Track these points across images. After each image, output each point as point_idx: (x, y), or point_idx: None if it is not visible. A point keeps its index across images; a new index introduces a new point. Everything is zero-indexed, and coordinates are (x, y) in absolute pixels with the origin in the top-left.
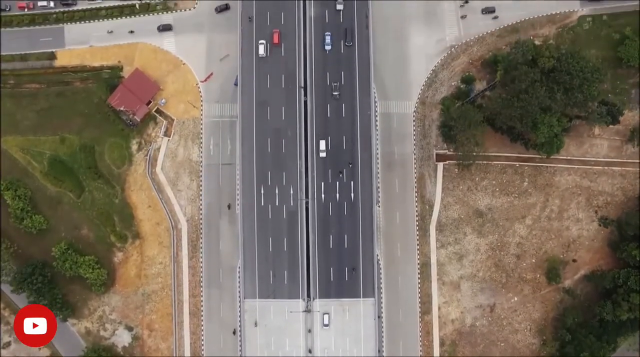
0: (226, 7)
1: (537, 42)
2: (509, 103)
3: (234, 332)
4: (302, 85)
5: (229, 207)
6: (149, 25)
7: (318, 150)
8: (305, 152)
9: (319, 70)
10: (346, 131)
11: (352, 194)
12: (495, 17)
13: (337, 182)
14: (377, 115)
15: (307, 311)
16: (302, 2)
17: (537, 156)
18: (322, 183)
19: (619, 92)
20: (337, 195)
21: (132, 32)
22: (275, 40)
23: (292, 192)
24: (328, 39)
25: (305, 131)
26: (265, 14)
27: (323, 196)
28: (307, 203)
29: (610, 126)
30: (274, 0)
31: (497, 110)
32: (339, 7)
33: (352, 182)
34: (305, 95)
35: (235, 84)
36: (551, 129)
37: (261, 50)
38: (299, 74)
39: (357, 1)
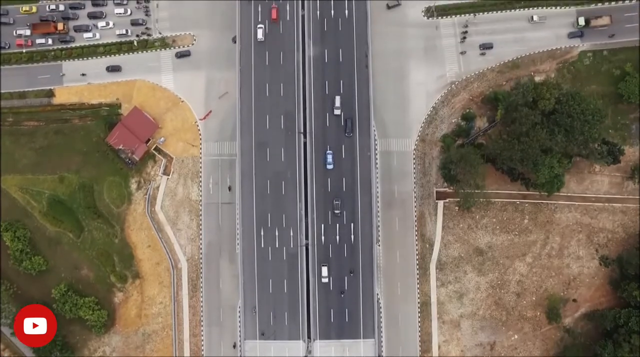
0: (188, 54)
1: (537, 78)
2: (510, 145)
3: None
4: (302, 130)
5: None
6: (147, 62)
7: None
8: (305, 195)
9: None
10: (346, 173)
11: (352, 236)
12: (483, 54)
13: (337, 224)
14: (377, 154)
15: (308, 354)
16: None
17: (537, 193)
18: (322, 225)
19: (620, 128)
20: (337, 237)
21: (130, 69)
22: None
23: (292, 234)
24: (330, 158)
25: (305, 173)
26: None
27: (323, 238)
28: (307, 245)
29: None
30: None
31: (497, 151)
32: (337, 111)
33: (352, 224)
34: (305, 137)
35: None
36: (552, 170)
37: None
38: (298, 119)
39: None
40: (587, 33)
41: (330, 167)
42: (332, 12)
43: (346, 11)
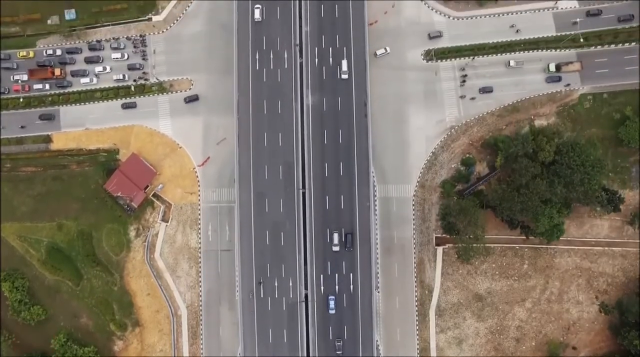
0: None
1: (537, 122)
2: (510, 196)
3: None
4: (301, 187)
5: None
6: (144, 107)
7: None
8: (305, 245)
9: (317, 170)
10: (345, 223)
11: (352, 286)
12: (483, 98)
13: (337, 275)
14: (376, 200)
15: None
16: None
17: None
18: (322, 275)
19: (620, 171)
20: (337, 287)
21: (127, 114)
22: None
23: (291, 284)
24: (332, 304)
25: (304, 224)
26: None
27: (322, 288)
28: (306, 295)
29: None
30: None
31: (497, 201)
32: (335, 245)
33: (351, 274)
34: (304, 186)
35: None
36: (551, 220)
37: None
38: (297, 172)
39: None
40: (587, 76)
41: (332, 312)
42: (331, 60)
43: (345, 59)
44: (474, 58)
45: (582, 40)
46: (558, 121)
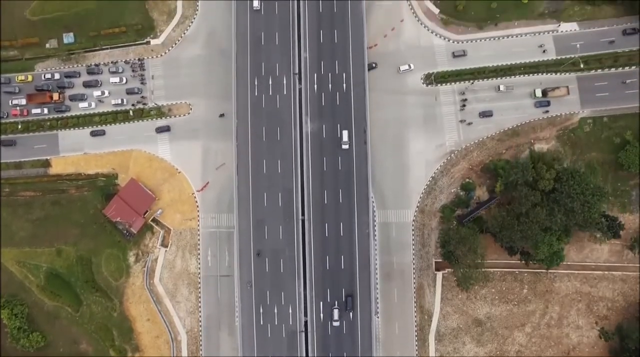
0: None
1: (537, 146)
2: (510, 224)
3: None
4: (301, 215)
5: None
6: (143, 131)
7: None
8: (304, 272)
9: (316, 197)
10: (344, 251)
11: (351, 313)
12: (472, 123)
13: (336, 301)
14: (375, 226)
15: None
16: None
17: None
18: (321, 302)
19: (620, 194)
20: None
21: (126, 138)
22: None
23: (290, 311)
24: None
25: (304, 251)
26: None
27: (322, 315)
28: (305, 322)
29: None
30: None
31: (497, 229)
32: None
33: (350, 299)
34: (303, 214)
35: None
36: (551, 247)
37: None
38: (296, 199)
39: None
40: (588, 100)
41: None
42: (330, 86)
43: (344, 85)
44: (473, 82)
45: (582, 64)
46: (558, 145)
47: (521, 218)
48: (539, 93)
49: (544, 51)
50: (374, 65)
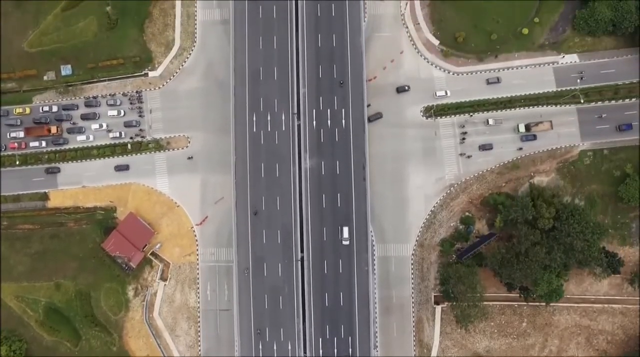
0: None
1: (537, 179)
2: (509, 262)
3: None
4: (300, 252)
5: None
6: (141, 165)
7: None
8: (303, 308)
9: (315, 235)
10: (343, 288)
11: (350, 349)
12: (471, 156)
13: (335, 338)
14: (374, 260)
15: None
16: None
17: None
18: (320, 339)
19: (620, 227)
20: (335, 350)
21: (124, 171)
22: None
23: (289, 347)
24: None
25: (303, 288)
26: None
27: (321, 351)
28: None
29: None
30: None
31: (496, 266)
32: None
33: (349, 338)
34: (302, 251)
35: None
36: (550, 284)
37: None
38: (295, 236)
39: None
40: (588, 132)
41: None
42: (329, 122)
43: (343, 121)
44: (472, 115)
45: (581, 97)
46: (558, 177)
47: (520, 257)
48: (522, 128)
49: (544, 84)
50: (379, 115)
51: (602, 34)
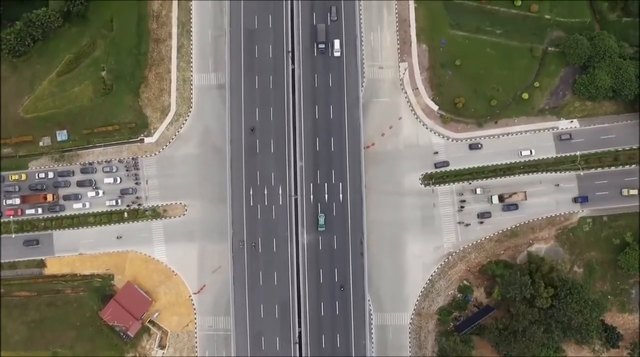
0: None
1: (536, 246)
2: (507, 340)
3: None
4: (298, 326)
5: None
6: (138, 232)
7: None
8: None
9: (312, 308)
10: None
11: None
12: (481, 223)
13: None
14: (372, 328)
15: None
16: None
17: None
18: None
19: (619, 293)
20: None
21: (120, 238)
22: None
23: None
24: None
25: None
26: None
27: None
28: None
29: None
30: None
31: (494, 342)
32: None
33: None
34: (300, 326)
35: None
36: None
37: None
38: (293, 311)
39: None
40: (587, 199)
41: None
42: (326, 196)
43: (340, 195)
44: (471, 182)
45: (581, 165)
46: (557, 244)
47: (518, 335)
48: (495, 199)
49: (544, 149)
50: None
51: (602, 99)
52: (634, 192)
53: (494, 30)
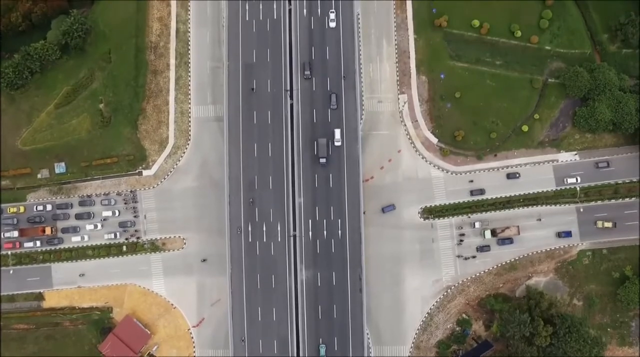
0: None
1: (535, 279)
2: None
3: None
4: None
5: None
6: (137, 265)
7: None
8: None
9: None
10: None
11: None
12: (468, 258)
13: None
14: None
15: None
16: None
17: None
18: None
19: (618, 326)
20: None
21: (120, 272)
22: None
23: None
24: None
25: None
26: None
27: None
28: None
29: None
30: None
31: None
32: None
33: None
34: (298, 348)
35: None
36: None
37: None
38: (291, 347)
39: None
40: (587, 232)
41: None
42: (325, 232)
43: (339, 231)
44: (470, 215)
45: (581, 204)
46: (556, 277)
47: None
48: (488, 234)
49: (544, 182)
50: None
51: (602, 131)
52: (609, 224)
53: (494, 61)
